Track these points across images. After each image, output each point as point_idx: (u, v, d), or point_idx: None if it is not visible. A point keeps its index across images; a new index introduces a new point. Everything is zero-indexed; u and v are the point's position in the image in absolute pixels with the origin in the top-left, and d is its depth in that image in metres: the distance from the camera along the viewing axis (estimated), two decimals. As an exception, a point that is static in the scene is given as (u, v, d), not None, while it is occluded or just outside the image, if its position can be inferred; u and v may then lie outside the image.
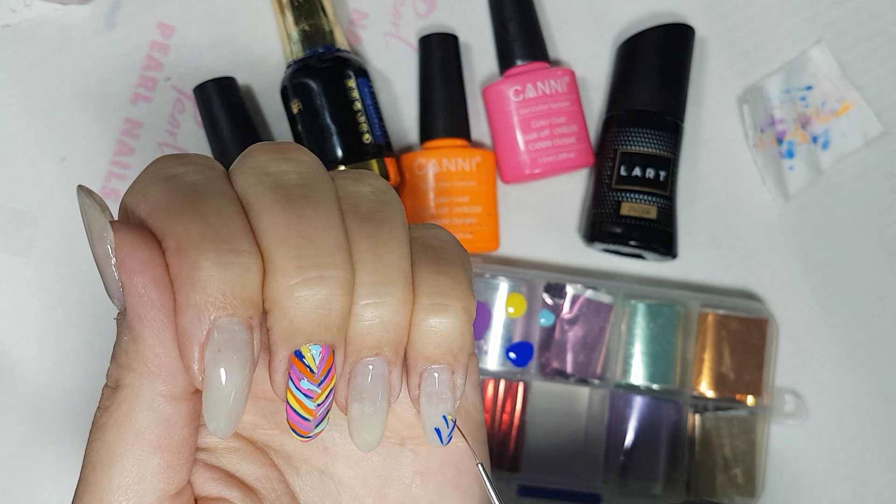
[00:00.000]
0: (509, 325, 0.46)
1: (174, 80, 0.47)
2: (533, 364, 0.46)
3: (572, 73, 0.47)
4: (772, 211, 0.50)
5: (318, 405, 0.20)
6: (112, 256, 0.19)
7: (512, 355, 0.46)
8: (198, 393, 0.20)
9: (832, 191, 0.50)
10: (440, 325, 0.21)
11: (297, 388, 0.19)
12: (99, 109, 0.47)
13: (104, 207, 0.19)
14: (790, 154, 0.49)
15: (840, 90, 0.50)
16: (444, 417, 0.21)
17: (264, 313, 0.19)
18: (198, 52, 0.47)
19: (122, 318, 0.19)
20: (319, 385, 0.20)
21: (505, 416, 0.47)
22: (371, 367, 0.20)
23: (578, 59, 0.50)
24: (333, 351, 0.20)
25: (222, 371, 0.18)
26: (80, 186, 0.19)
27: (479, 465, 0.24)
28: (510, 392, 0.47)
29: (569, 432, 0.48)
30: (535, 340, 0.46)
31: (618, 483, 0.46)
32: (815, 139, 0.50)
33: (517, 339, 0.46)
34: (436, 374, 0.21)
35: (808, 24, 0.50)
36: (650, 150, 0.46)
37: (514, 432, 0.47)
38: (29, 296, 0.46)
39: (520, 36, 0.47)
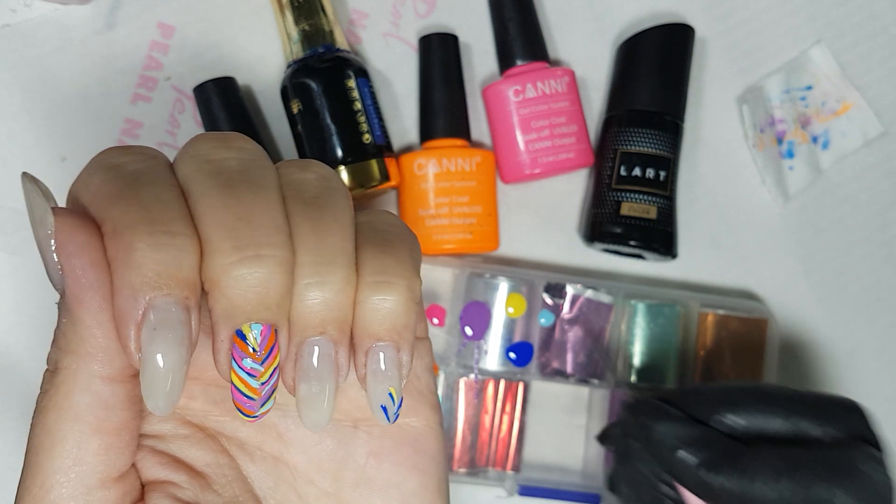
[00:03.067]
0: (509, 325, 0.46)
1: (174, 80, 0.47)
2: (533, 364, 0.46)
3: (572, 73, 0.47)
4: (772, 211, 0.50)
5: (263, 384, 0.20)
6: (52, 240, 0.19)
7: (512, 355, 0.46)
8: (136, 376, 0.21)
9: (832, 191, 0.50)
10: (383, 302, 0.21)
11: (240, 367, 0.20)
12: (99, 109, 0.47)
13: (48, 194, 0.20)
14: (790, 154, 0.49)
15: (840, 90, 0.50)
16: (390, 395, 0.22)
17: (206, 295, 0.20)
18: (198, 52, 0.47)
19: (62, 303, 0.20)
20: (262, 364, 0.20)
21: (505, 417, 0.47)
22: (317, 347, 0.21)
23: (578, 59, 0.50)
24: (276, 330, 0.20)
25: (158, 350, 0.18)
26: (24, 173, 0.20)
27: None
28: (510, 392, 0.47)
29: (569, 432, 0.48)
30: (535, 340, 0.46)
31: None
32: (815, 139, 0.50)
33: (517, 339, 0.46)
34: (381, 353, 0.21)
35: (808, 24, 0.50)
36: (650, 150, 0.46)
37: (514, 432, 0.47)
38: (28, 295, 0.46)
39: (520, 36, 0.47)
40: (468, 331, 0.46)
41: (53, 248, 0.19)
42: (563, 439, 0.48)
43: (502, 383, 0.47)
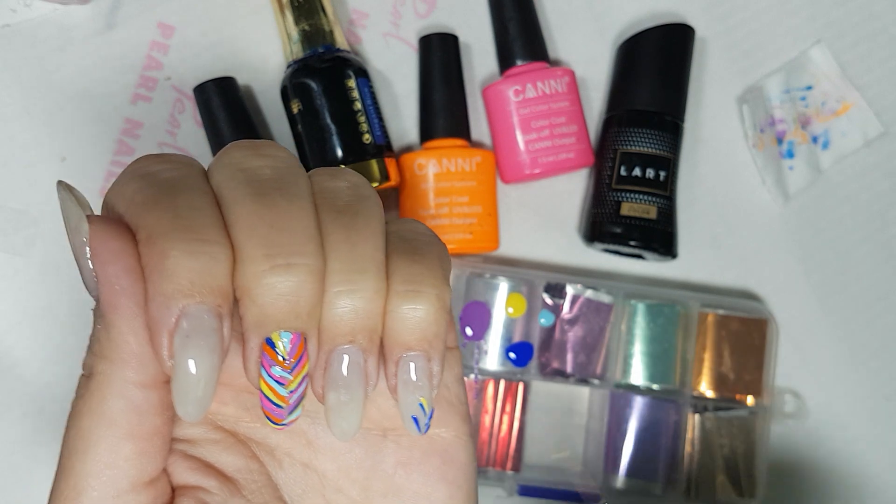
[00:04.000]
0: (509, 325, 0.46)
1: (174, 80, 0.47)
2: (533, 364, 0.46)
3: (572, 73, 0.47)
4: (772, 211, 0.50)
5: (291, 392, 0.20)
6: (87, 247, 0.19)
7: (512, 355, 0.46)
8: (169, 382, 0.21)
9: (832, 191, 0.50)
10: (414, 311, 0.21)
11: (269, 375, 0.20)
12: (99, 109, 0.47)
13: (83, 202, 0.20)
14: (790, 154, 0.49)
15: (840, 90, 0.50)
16: (421, 405, 0.22)
17: (236, 303, 0.20)
18: (198, 52, 0.47)
19: (97, 309, 0.20)
20: (291, 372, 0.20)
21: (505, 417, 0.47)
22: (346, 355, 0.21)
23: (578, 59, 0.50)
24: (305, 339, 0.20)
25: (190, 357, 0.19)
26: (59, 182, 0.20)
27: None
28: (510, 392, 0.47)
29: (569, 432, 0.48)
30: (535, 340, 0.46)
31: (618, 483, 0.46)
32: (814, 139, 0.50)
33: (517, 339, 0.46)
34: (412, 362, 0.21)
35: (808, 25, 0.50)
36: (650, 150, 0.46)
37: (514, 432, 0.47)
38: (29, 295, 0.46)
39: (520, 36, 0.47)
40: (468, 331, 0.46)
41: (88, 255, 0.19)
42: (563, 439, 0.48)
43: (502, 383, 0.47)
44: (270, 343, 0.19)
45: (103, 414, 0.20)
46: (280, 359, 0.19)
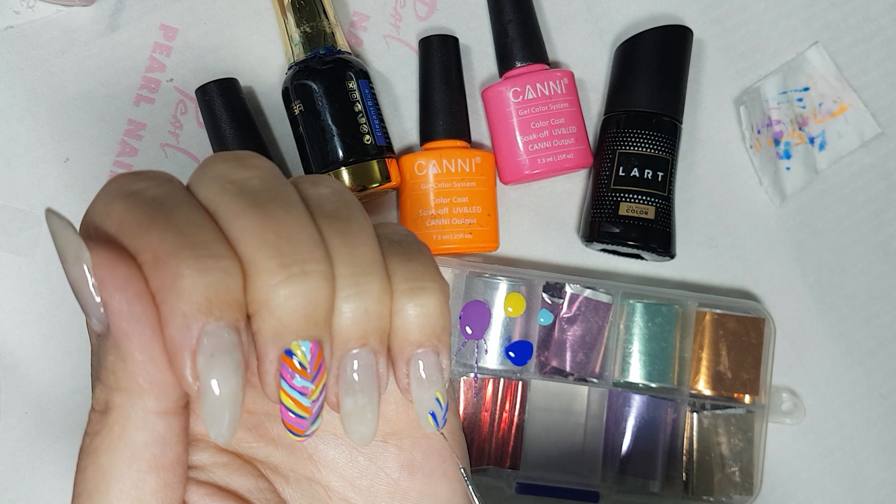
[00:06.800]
0: (508, 324, 0.47)
1: (176, 81, 0.47)
2: (532, 363, 0.47)
3: (571, 75, 0.48)
4: (769, 211, 0.51)
5: (314, 401, 0.20)
6: (90, 276, 0.18)
7: (511, 354, 0.46)
8: (188, 407, 0.21)
9: (829, 191, 0.51)
10: (421, 307, 0.21)
11: (290, 386, 0.19)
12: (102, 110, 0.47)
13: (76, 230, 0.19)
14: (787, 155, 0.50)
15: (837, 91, 0.50)
16: (438, 400, 0.22)
17: (248, 317, 0.19)
18: (200, 54, 0.48)
19: (104, 339, 0.19)
20: (313, 381, 0.20)
21: (504, 415, 0.47)
22: (359, 359, 0.21)
23: (577, 61, 0.50)
24: (322, 346, 0.20)
25: (217, 376, 0.18)
26: (48, 209, 0.19)
27: (462, 470, 0.25)
28: (509, 391, 0.47)
29: (568, 431, 0.49)
30: (535, 339, 0.47)
31: (616, 481, 0.47)
32: (811, 140, 0.50)
33: (516, 338, 0.47)
34: (422, 360, 0.21)
35: (805, 26, 0.51)
36: (648, 151, 0.46)
37: (513, 431, 0.47)
38: (32, 295, 0.47)
39: (519, 38, 0.47)
40: (468, 330, 0.46)
41: (92, 284, 0.18)
42: (562, 437, 0.49)
43: (501, 382, 0.47)
44: (289, 353, 0.19)
45: (125, 448, 0.19)
46: (301, 368, 0.19)
